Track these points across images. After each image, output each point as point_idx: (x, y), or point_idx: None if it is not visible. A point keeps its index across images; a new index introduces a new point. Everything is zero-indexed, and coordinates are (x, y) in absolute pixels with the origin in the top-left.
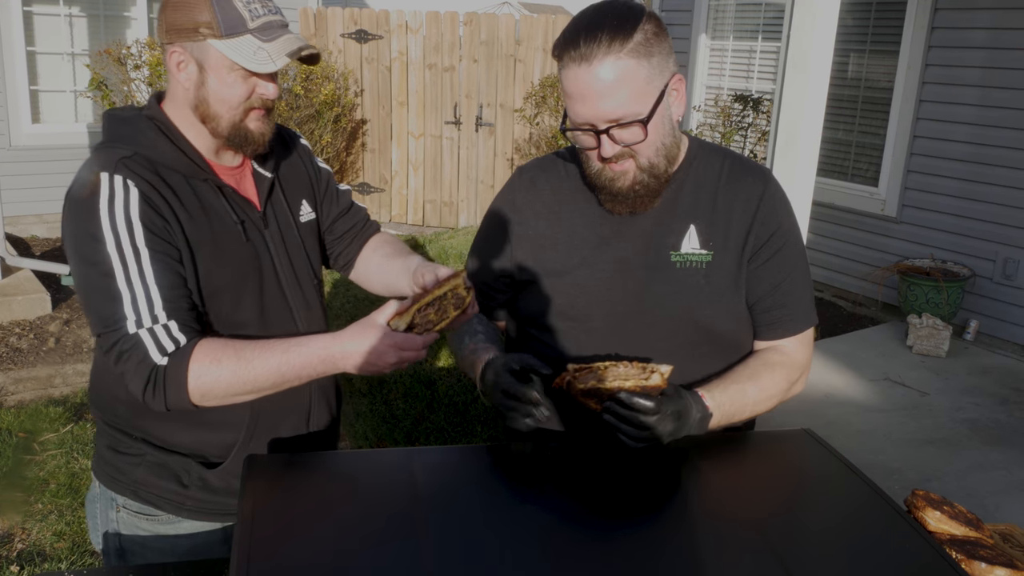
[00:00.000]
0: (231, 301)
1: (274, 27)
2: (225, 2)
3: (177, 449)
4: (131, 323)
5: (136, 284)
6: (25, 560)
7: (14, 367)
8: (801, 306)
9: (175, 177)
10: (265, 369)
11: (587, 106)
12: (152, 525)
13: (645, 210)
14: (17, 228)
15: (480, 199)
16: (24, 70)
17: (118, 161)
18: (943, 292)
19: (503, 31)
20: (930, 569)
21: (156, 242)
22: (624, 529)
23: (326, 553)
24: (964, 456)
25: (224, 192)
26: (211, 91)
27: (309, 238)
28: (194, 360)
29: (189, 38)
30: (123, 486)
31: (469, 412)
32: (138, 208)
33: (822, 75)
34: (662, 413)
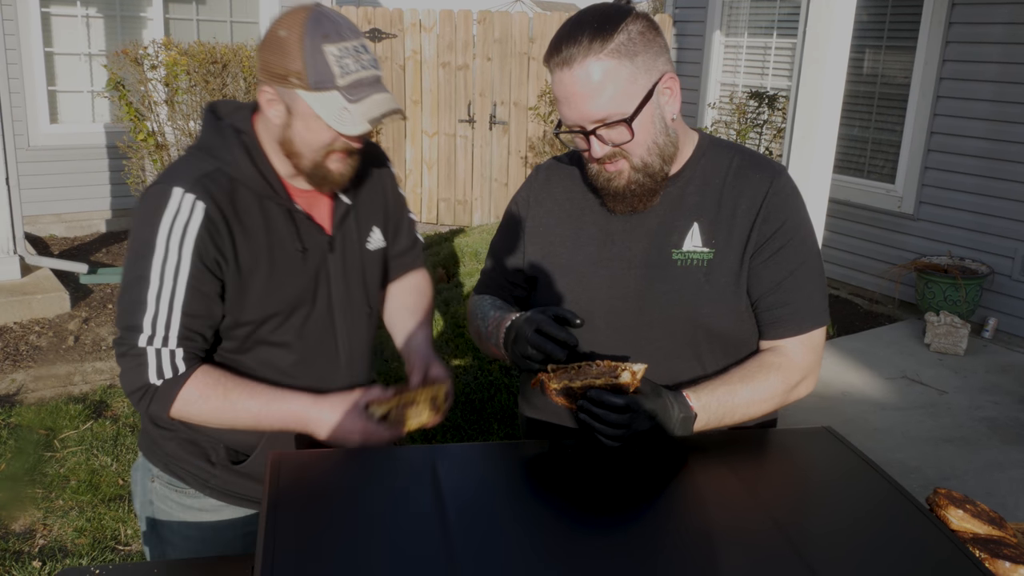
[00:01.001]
0: (277, 324)
1: (363, 85)
2: (318, 54)
3: (205, 432)
4: (144, 337)
5: (163, 303)
6: (47, 556)
7: (34, 365)
8: (806, 306)
9: (248, 197)
10: (245, 414)
11: (572, 108)
12: (180, 498)
13: (645, 208)
14: (36, 227)
15: (494, 197)
16: (42, 70)
17: (197, 178)
18: (961, 290)
19: (517, 29)
20: (953, 567)
21: (200, 273)
22: (644, 524)
23: (350, 548)
24: (983, 455)
25: (294, 217)
26: (296, 134)
27: (372, 266)
28: (184, 389)
29: (279, 83)
30: (157, 458)
31: (486, 410)
32: (196, 234)
33: (839, 71)
34: (635, 411)
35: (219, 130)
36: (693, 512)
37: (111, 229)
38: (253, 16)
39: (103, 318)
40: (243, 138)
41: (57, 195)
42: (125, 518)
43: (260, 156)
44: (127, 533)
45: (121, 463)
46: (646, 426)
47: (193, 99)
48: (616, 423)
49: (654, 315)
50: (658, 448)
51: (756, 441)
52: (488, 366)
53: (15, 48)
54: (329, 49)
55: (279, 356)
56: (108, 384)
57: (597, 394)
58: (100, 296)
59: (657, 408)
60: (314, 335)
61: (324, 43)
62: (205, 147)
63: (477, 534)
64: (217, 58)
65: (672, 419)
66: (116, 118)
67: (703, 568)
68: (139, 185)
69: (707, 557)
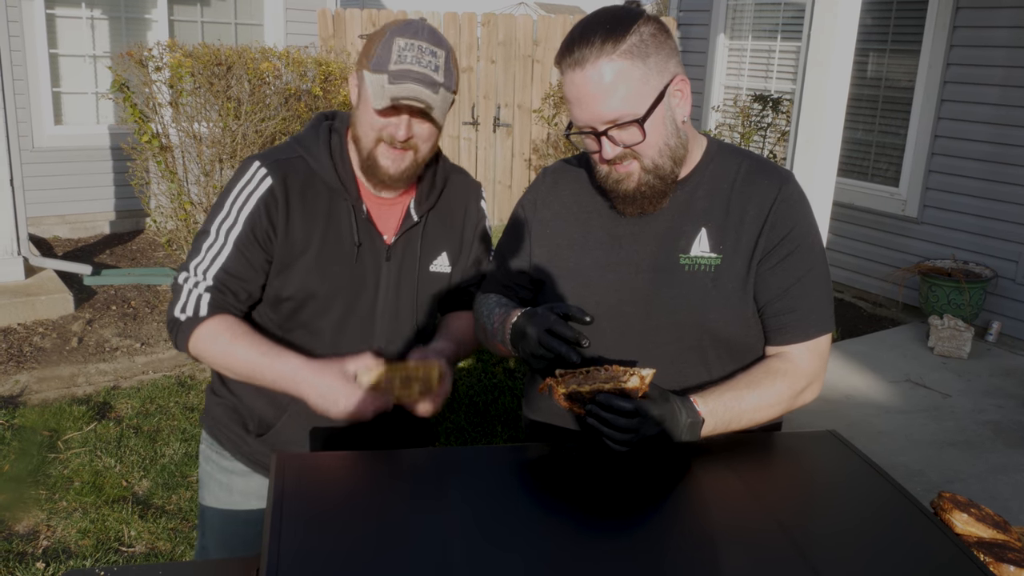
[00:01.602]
0: (317, 309)
1: (410, 76)
2: (389, 43)
3: (245, 401)
4: (183, 275)
5: (210, 255)
6: (51, 557)
7: (38, 366)
8: (813, 312)
9: (321, 188)
10: (243, 361)
11: (584, 109)
12: (218, 459)
13: (654, 211)
14: (40, 228)
15: (498, 200)
16: (47, 72)
17: (277, 159)
18: (965, 293)
19: (520, 32)
20: (957, 570)
21: (248, 239)
22: (649, 527)
23: (356, 550)
24: (987, 458)
25: (357, 215)
26: (358, 115)
27: (430, 286)
28: (200, 328)
29: (358, 67)
30: (207, 422)
31: (489, 412)
32: (254, 205)
33: (843, 75)
34: (643, 416)
35: (316, 127)
36: (698, 515)
37: (115, 231)
38: (258, 18)
39: (107, 319)
40: (333, 138)
41: (61, 196)
42: (129, 520)
43: (342, 157)
44: (131, 535)
45: (124, 464)
46: (654, 431)
47: (198, 101)
48: (625, 428)
49: (661, 320)
50: (663, 452)
51: (760, 445)
52: (492, 369)
53: (20, 49)
54: (398, 41)
55: (316, 344)
56: (112, 386)
57: (606, 399)
58: (104, 297)
59: (665, 413)
60: (352, 333)
61: (398, 36)
62: (299, 139)
63: (482, 537)
64: (222, 60)
65: (679, 424)
66: (120, 120)
67: (708, 571)
68: (143, 187)
69: (712, 560)
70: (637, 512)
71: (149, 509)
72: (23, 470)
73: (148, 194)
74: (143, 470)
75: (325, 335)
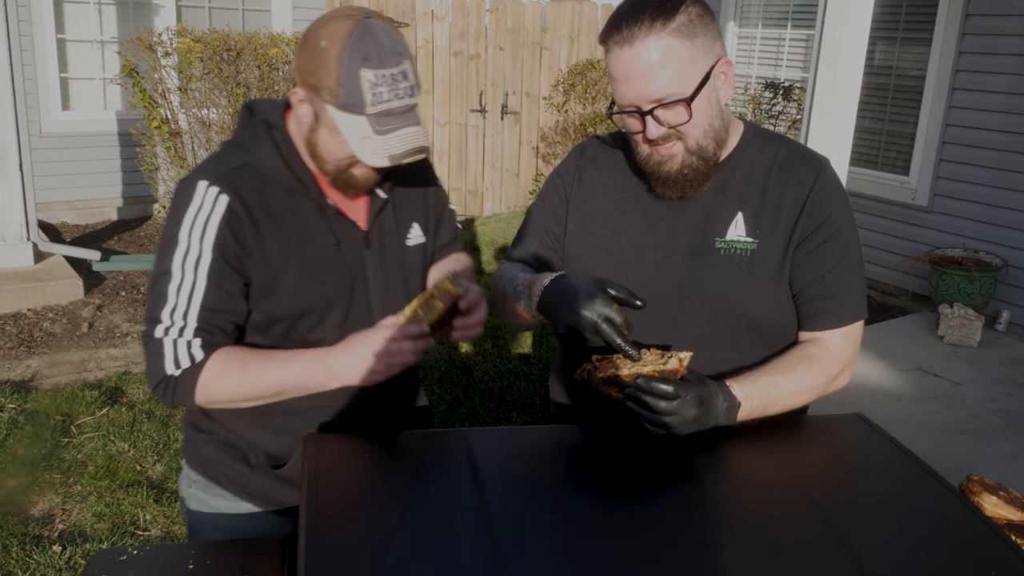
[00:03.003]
0: (314, 322)
1: (393, 116)
2: (353, 76)
3: (244, 436)
4: (162, 329)
5: (183, 296)
6: (66, 540)
7: (48, 351)
8: (847, 299)
9: (279, 192)
10: (266, 378)
11: (631, 87)
12: (216, 502)
13: (695, 193)
14: (48, 214)
15: (505, 188)
16: (54, 58)
17: (222, 172)
18: (975, 282)
19: (529, 19)
20: (985, 544)
21: (220, 265)
22: (683, 505)
23: (393, 531)
24: (998, 446)
25: (326, 212)
26: (320, 140)
27: (412, 262)
28: (203, 373)
29: (311, 91)
30: (197, 462)
31: (504, 398)
32: (217, 228)
33: (856, 64)
34: (682, 398)
35: (251, 125)
36: (731, 494)
37: (123, 216)
38: (265, 4)
39: (116, 305)
40: (274, 133)
41: (69, 182)
42: (143, 503)
43: (291, 152)
44: (146, 518)
45: (138, 449)
46: (692, 414)
47: (206, 86)
48: (664, 411)
49: (695, 302)
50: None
51: (789, 427)
52: (507, 354)
53: (28, 35)
54: (366, 74)
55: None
56: (123, 371)
57: (646, 382)
58: (113, 283)
59: (703, 396)
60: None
61: (362, 66)
62: (236, 143)
63: (518, 515)
64: (231, 45)
65: (716, 408)
66: (129, 105)
67: (743, 547)
68: (152, 172)
69: (747, 536)
70: (671, 491)
71: (164, 493)
72: (36, 454)
73: (157, 180)
74: (157, 454)
75: (327, 342)
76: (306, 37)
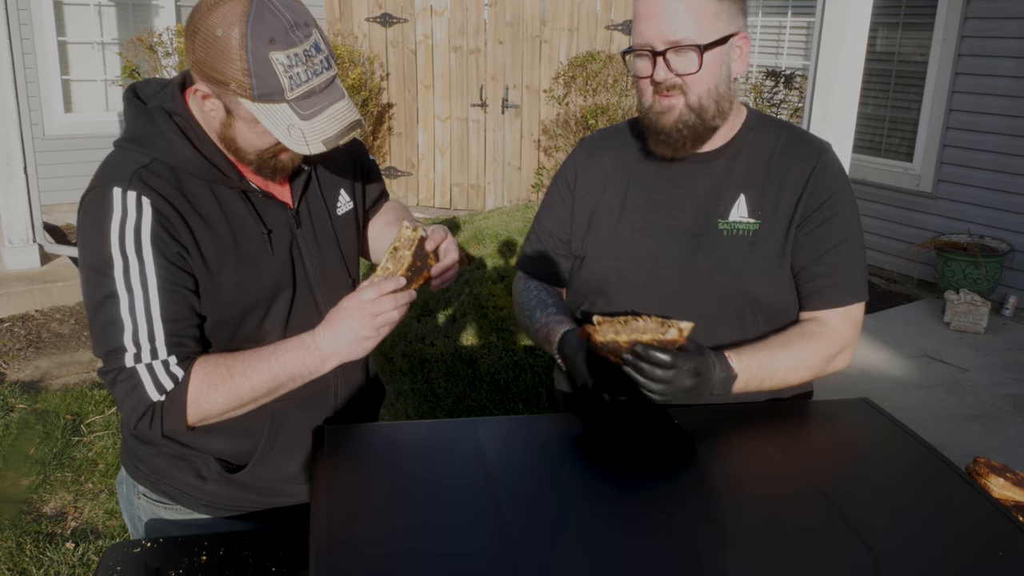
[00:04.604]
0: (260, 316)
1: (315, 94)
2: (263, 62)
3: (194, 447)
4: (130, 356)
5: (140, 316)
6: (79, 537)
7: (57, 352)
8: (848, 280)
9: (197, 185)
10: (258, 377)
11: (650, 24)
12: (170, 515)
13: (685, 154)
14: (52, 216)
15: (507, 181)
16: (56, 60)
17: (134, 174)
18: (981, 267)
19: (528, 12)
20: (996, 530)
21: (167, 270)
22: (689, 491)
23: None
24: (1006, 432)
25: (251, 198)
26: (238, 134)
27: (345, 231)
28: (191, 390)
29: (217, 86)
30: (142, 475)
31: (511, 390)
32: (150, 232)
33: (858, 51)
34: (679, 368)
35: (147, 115)
36: (737, 477)
37: None
38: None
39: None
40: (177, 120)
41: (73, 184)
42: None
43: (200, 138)
44: None
45: None
46: (688, 384)
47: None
48: (660, 379)
49: (698, 283)
50: (699, 417)
51: (795, 411)
52: (512, 347)
53: (29, 38)
54: (277, 57)
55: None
56: None
57: (643, 349)
58: None
59: (700, 366)
60: (300, 319)
61: (271, 50)
62: (135, 137)
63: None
64: None
65: (713, 378)
66: None
67: (750, 530)
68: None
69: (754, 520)
70: (677, 477)
71: None
72: (48, 453)
73: None
74: None
75: (274, 335)
76: (194, 27)
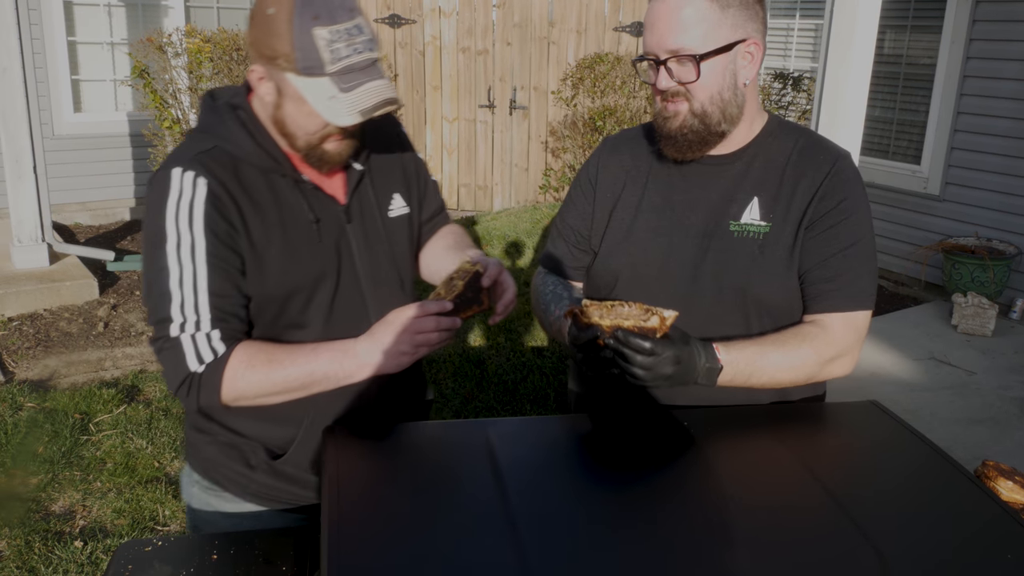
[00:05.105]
0: (303, 301)
1: (355, 71)
2: (307, 36)
3: (245, 434)
4: (176, 326)
5: (187, 289)
6: (88, 536)
7: (65, 351)
8: (852, 285)
9: (252, 173)
10: (294, 369)
11: (653, 33)
12: (219, 502)
13: (693, 157)
14: (61, 216)
15: (515, 183)
16: (65, 60)
17: (194, 156)
18: (989, 270)
19: (536, 13)
20: (1004, 533)
21: (217, 247)
22: (700, 493)
23: (416, 521)
24: (1013, 435)
25: (302, 188)
26: (287, 115)
27: (397, 233)
28: (229, 367)
29: (268, 63)
30: (198, 464)
31: (518, 391)
32: (203, 210)
33: (866, 53)
34: (659, 355)
35: (214, 109)
36: (745, 478)
37: (135, 217)
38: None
39: (131, 304)
40: (239, 114)
41: (82, 184)
42: (163, 499)
43: (259, 131)
44: (165, 514)
45: (156, 446)
46: (668, 372)
47: (216, 86)
48: (640, 365)
49: (707, 283)
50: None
51: (804, 414)
52: (520, 348)
53: (39, 38)
54: (319, 32)
55: (311, 338)
56: (139, 369)
57: (623, 335)
58: (127, 283)
59: (683, 355)
60: (344, 312)
61: (314, 25)
62: (203, 128)
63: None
64: (240, 45)
65: (697, 367)
66: (141, 106)
67: (759, 530)
68: None
69: (762, 520)
70: (686, 477)
71: None
72: (58, 452)
73: None
74: (174, 451)
75: (317, 325)
76: (253, 11)
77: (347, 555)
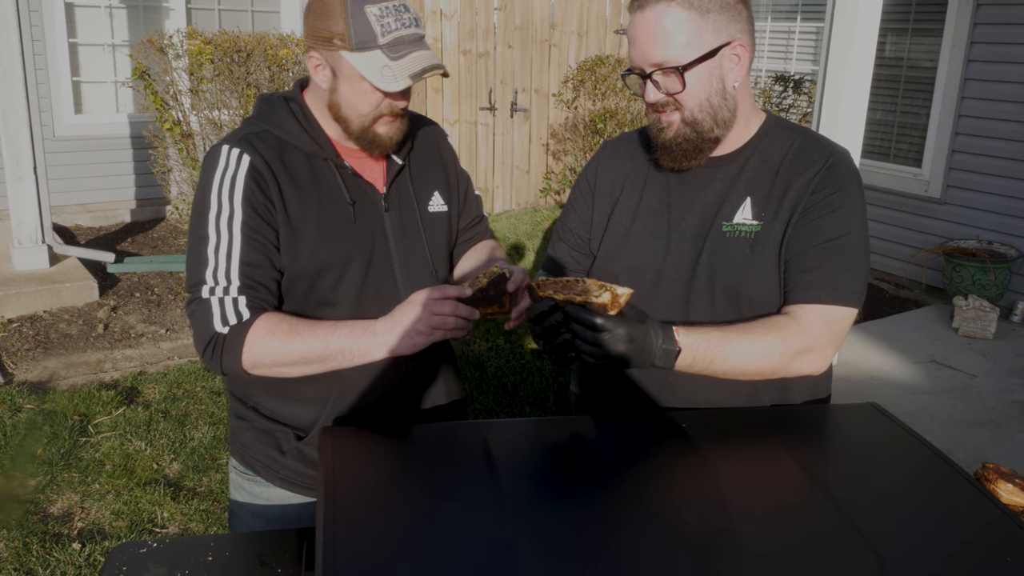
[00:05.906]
0: (334, 279)
1: (404, 43)
2: (359, 15)
3: (278, 419)
4: (207, 289)
5: (222, 255)
6: (86, 538)
7: (65, 352)
8: (829, 279)
9: (297, 156)
10: (312, 339)
11: (636, 49)
12: (251, 486)
13: (690, 166)
14: (62, 217)
15: (516, 185)
16: (66, 61)
17: (243, 137)
18: (990, 273)
19: (537, 16)
20: (1004, 535)
21: (253, 219)
22: (699, 495)
23: (413, 523)
24: (1014, 438)
25: (342, 173)
26: (343, 97)
27: (434, 228)
28: (250, 333)
29: (324, 46)
30: (236, 448)
31: (518, 393)
32: (244, 183)
33: (867, 56)
34: (609, 331)
35: (269, 101)
36: (744, 480)
37: (136, 219)
38: (274, 5)
39: (131, 306)
40: (291, 105)
41: (82, 185)
42: (161, 501)
43: (308, 119)
44: (163, 516)
45: (155, 448)
46: (622, 348)
47: (217, 88)
48: (591, 340)
49: (701, 284)
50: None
51: (802, 415)
52: (520, 350)
53: (40, 39)
54: (371, 9)
55: (342, 317)
56: (138, 371)
57: (573, 310)
58: (127, 285)
59: (636, 334)
60: (376, 294)
61: (365, 4)
62: (256, 116)
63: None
64: (241, 47)
65: (652, 348)
66: (141, 107)
67: (758, 533)
68: (164, 174)
69: (761, 523)
70: (682, 480)
71: (180, 491)
72: (56, 454)
73: (169, 181)
74: (173, 453)
75: (347, 304)
76: (309, 4)
77: (343, 556)
